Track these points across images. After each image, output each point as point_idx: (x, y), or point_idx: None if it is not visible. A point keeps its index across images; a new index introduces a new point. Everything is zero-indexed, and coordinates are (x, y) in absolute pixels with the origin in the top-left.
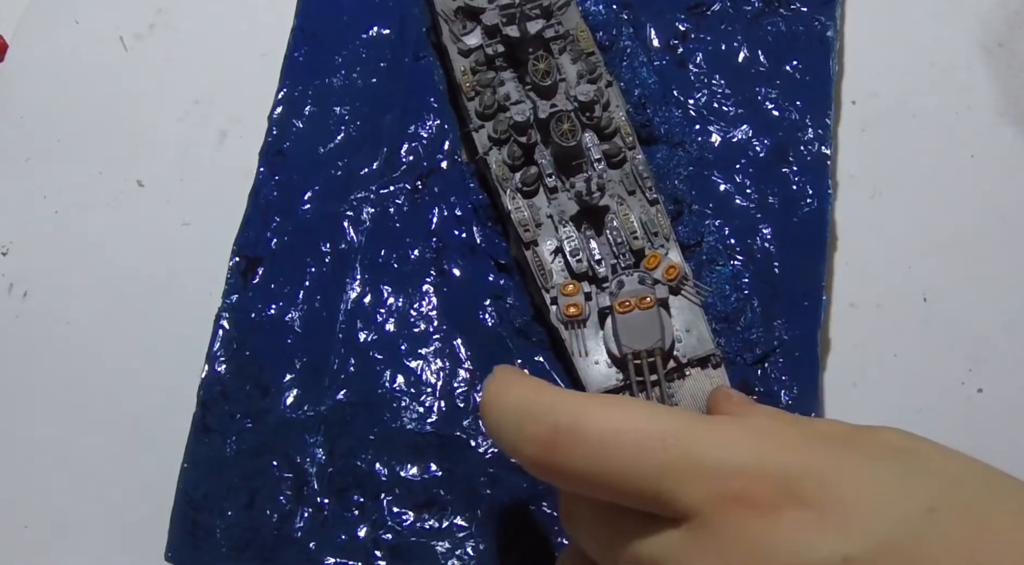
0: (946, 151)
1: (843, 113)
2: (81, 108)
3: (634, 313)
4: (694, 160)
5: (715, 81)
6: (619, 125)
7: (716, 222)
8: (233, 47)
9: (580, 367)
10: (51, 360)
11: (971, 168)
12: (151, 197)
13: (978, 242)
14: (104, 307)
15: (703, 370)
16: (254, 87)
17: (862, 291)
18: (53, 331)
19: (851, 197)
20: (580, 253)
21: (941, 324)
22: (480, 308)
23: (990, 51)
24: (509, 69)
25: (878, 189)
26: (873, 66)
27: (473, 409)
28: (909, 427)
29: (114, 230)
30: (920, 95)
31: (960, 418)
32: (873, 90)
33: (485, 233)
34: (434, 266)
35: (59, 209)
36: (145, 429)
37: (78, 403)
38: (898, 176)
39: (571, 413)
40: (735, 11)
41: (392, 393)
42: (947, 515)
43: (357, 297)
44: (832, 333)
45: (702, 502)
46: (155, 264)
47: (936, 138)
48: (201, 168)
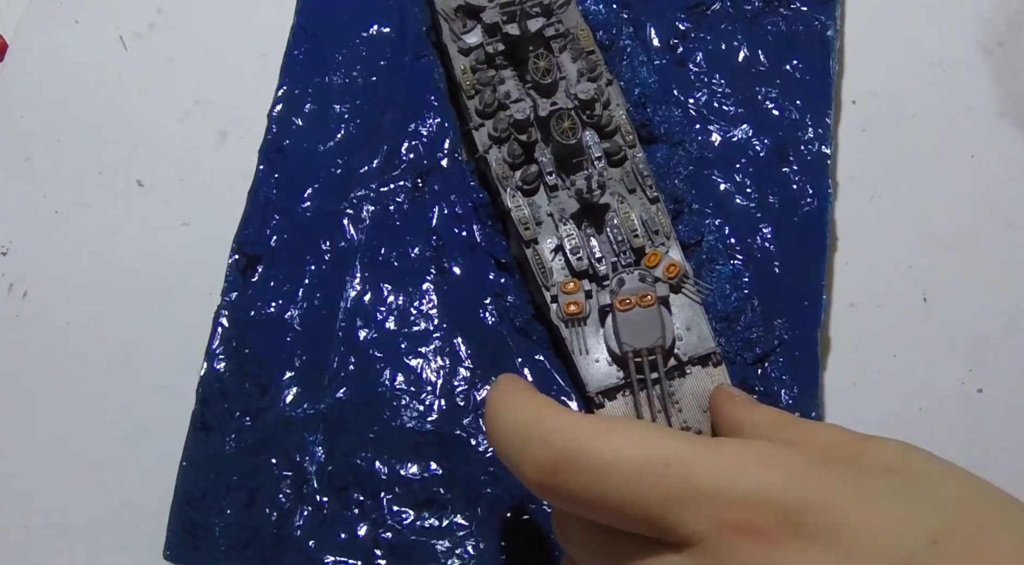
0: (946, 151)
1: (843, 113)
2: (81, 108)
3: (635, 311)
4: (694, 159)
5: (715, 80)
6: (619, 123)
7: (716, 221)
8: (233, 47)
9: (581, 365)
10: (51, 359)
11: (971, 168)
12: (151, 197)
13: (978, 242)
14: (103, 306)
15: (704, 368)
16: (254, 87)
17: (862, 291)
18: (53, 330)
19: (851, 197)
20: (581, 251)
21: (941, 324)
22: (480, 306)
23: (990, 51)
24: (509, 67)
25: (878, 189)
26: (873, 66)
27: (474, 408)
28: (909, 427)
29: (114, 230)
30: (920, 95)
31: (960, 418)
32: (873, 90)
33: (485, 231)
34: (434, 264)
35: (59, 209)
36: (144, 427)
37: (77, 402)
38: (898, 176)
39: (574, 438)
40: (735, 11)
41: (392, 391)
42: (949, 547)
43: (357, 295)
44: (832, 333)
45: (704, 529)
46: (155, 264)
47: (936, 138)
48: (201, 168)
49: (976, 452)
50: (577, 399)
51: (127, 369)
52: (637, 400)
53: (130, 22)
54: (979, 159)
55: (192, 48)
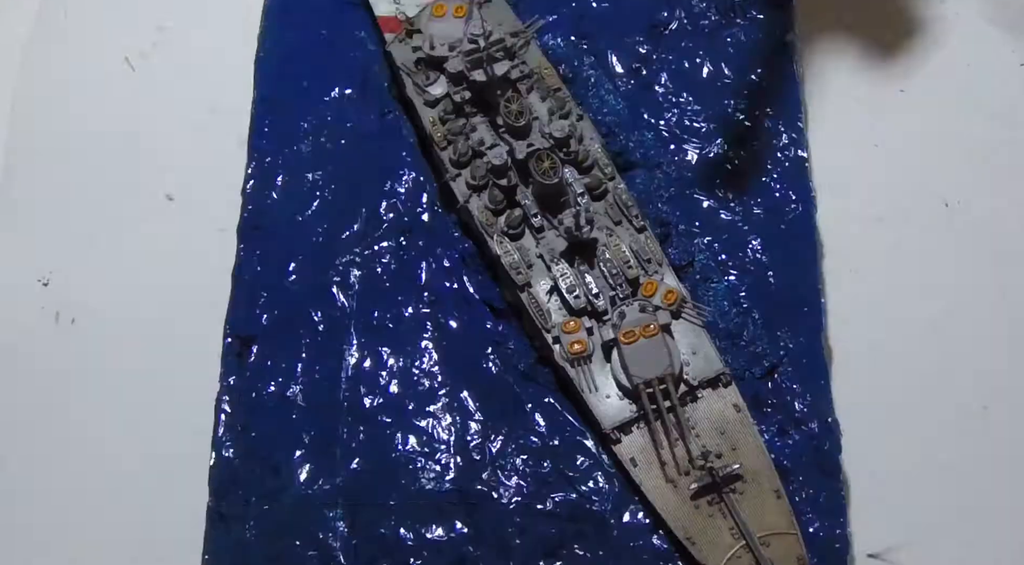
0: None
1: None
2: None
3: (640, 342)
4: (674, 180)
5: (683, 98)
6: (596, 157)
7: (705, 239)
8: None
9: (592, 403)
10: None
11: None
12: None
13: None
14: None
15: (715, 390)
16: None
17: (862, 292)
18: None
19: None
20: (577, 289)
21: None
22: (482, 357)
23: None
24: (479, 114)
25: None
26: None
27: (490, 460)
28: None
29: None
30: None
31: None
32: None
33: (476, 281)
34: (430, 321)
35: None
36: (158, 529)
37: (79, 512)
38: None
39: None
40: (693, 27)
41: (406, 455)
42: None
43: (356, 362)
44: (833, 341)
45: None
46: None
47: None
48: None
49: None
50: (592, 437)
51: (133, 472)
52: (653, 431)
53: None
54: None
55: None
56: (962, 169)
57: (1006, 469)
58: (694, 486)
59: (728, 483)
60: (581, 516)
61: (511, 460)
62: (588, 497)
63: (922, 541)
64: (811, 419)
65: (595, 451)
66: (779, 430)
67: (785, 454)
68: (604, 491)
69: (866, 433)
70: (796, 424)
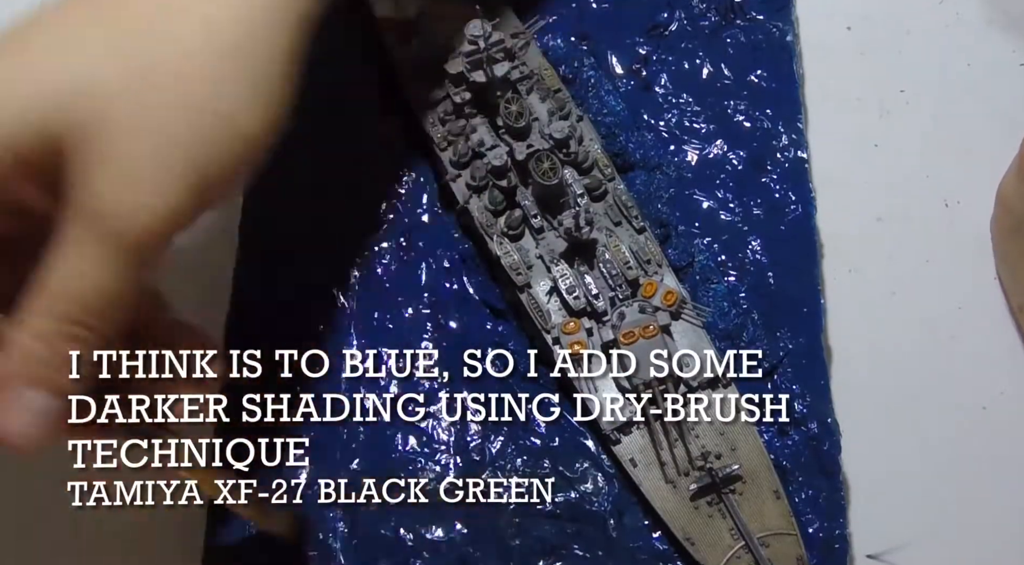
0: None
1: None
2: None
3: (639, 343)
4: (673, 181)
5: (683, 99)
6: (595, 158)
7: (704, 240)
8: None
9: (591, 404)
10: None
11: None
12: None
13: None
14: None
15: (714, 391)
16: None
17: (863, 292)
18: None
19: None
20: (576, 290)
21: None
22: (482, 357)
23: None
24: (479, 115)
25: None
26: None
27: (490, 461)
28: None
29: None
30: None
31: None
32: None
33: (476, 281)
34: (430, 321)
35: None
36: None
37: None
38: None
39: None
40: (693, 28)
41: (406, 455)
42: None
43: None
44: (833, 341)
45: None
46: None
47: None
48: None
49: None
50: (592, 438)
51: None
52: (653, 432)
53: None
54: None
55: None
56: (962, 169)
57: (1006, 469)
58: (693, 487)
59: (727, 484)
60: (581, 516)
61: (511, 460)
62: (588, 497)
63: (922, 541)
64: (811, 419)
65: (595, 451)
66: (778, 430)
67: (784, 454)
68: (604, 491)
69: (866, 433)
70: (795, 424)
